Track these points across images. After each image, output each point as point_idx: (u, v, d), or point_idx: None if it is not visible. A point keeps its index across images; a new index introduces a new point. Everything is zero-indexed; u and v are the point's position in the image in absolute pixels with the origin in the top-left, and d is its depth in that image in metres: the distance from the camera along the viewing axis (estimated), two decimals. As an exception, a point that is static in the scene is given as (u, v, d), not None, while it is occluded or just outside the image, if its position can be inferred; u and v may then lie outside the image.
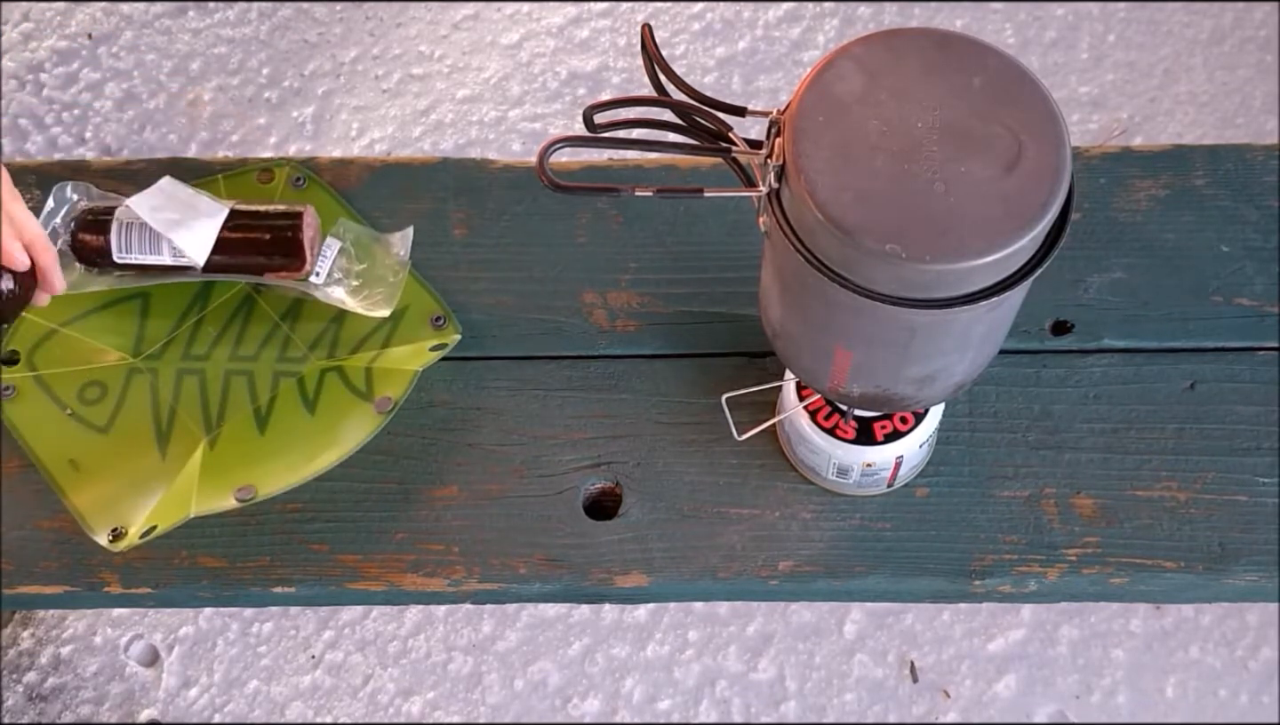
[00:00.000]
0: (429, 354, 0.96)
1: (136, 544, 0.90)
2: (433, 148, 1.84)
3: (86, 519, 0.91)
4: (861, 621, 1.55)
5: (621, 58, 1.91)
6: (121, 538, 0.90)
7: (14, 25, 1.95)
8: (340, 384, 0.95)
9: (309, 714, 1.53)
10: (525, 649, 1.55)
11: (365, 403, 0.94)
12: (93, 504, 0.92)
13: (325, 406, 0.95)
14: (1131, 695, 1.51)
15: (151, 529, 0.90)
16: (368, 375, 0.96)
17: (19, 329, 0.99)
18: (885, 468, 0.89)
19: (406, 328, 0.98)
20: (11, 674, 1.54)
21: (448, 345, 0.96)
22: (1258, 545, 0.90)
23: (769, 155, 0.68)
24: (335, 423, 0.94)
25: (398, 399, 0.94)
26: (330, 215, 1.02)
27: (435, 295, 0.98)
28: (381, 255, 0.98)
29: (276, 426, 0.95)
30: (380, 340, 0.97)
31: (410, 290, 0.99)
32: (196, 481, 0.92)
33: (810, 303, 0.73)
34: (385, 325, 0.97)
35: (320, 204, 1.02)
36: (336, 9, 1.97)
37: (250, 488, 0.91)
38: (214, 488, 0.92)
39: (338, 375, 0.96)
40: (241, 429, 0.95)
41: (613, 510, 0.93)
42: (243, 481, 0.92)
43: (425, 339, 0.97)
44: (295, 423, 0.95)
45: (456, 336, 0.97)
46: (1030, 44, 1.90)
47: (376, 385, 0.95)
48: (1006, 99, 0.67)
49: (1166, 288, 0.99)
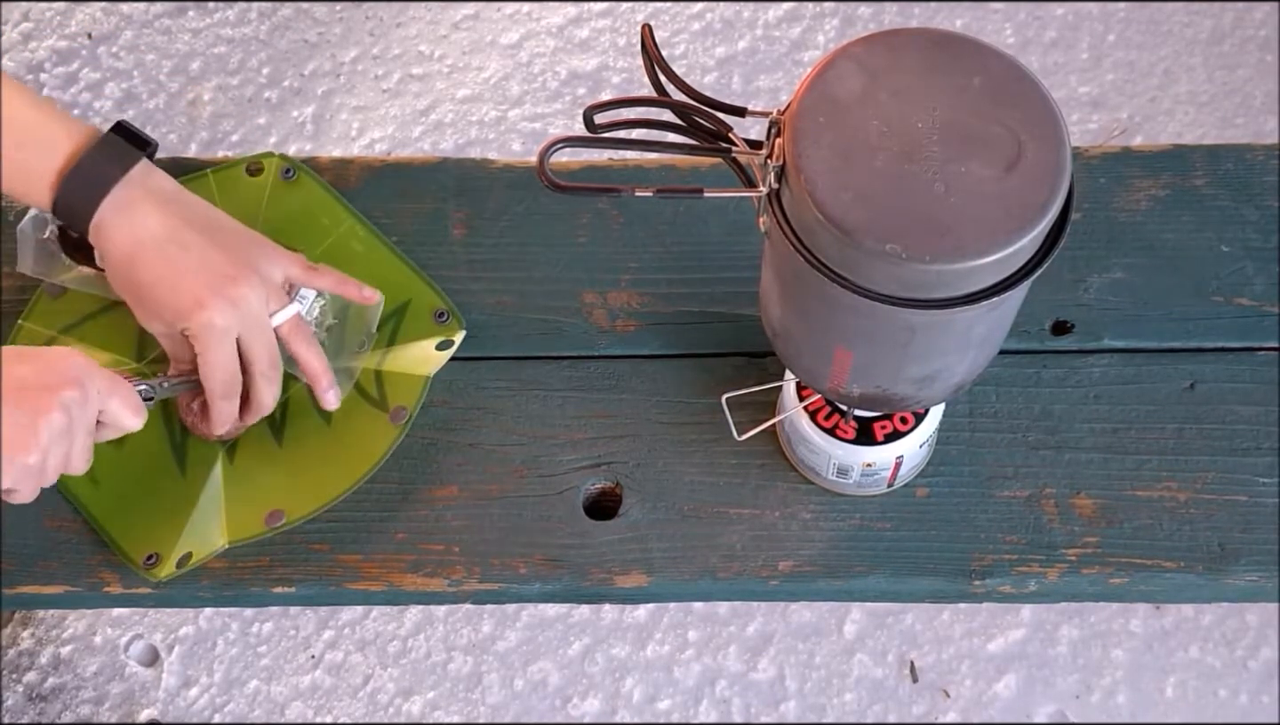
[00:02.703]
0: (437, 356, 0.95)
1: (175, 574, 0.89)
2: (433, 148, 1.85)
3: (121, 545, 0.91)
4: (861, 621, 1.55)
5: (621, 58, 1.91)
6: (156, 565, 0.90)
7: (14, 25, 1.95)
8: (354, 391, 0.95)
9: (309, 714, 1.53)
10: (525, 649, 1.55)
11: (380, 413, 0.94)
12: (124, 530, 0.91)
13: (340, 417, 0.94)
14: (1131, 695, 1.51)
15: (188, 556, 0.90)
16: (379, 380, 0.95)
17: (18, 337, 0.98)
18: (885, 468, 0.89)
19: (410, 323, 0.97)
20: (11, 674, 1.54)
21: (454, 343, 0.96)
22: (1258, 545, 0.90)
23: (769, 155, 0.68)
24: (352, 436, 0.93)
25: (412, 409, 0.93)
26: (320, 207, 1.01)
27: (438, 290, 0.98)
28: (357, 316, 0.95)
29: (293, 437, 0.94)
30: (385, 337, 0.97)
31: (412, 285, 0.98)
32: (223, 503, 0.92)
33: (810, 303, 0.73)
34: (389, 322, 0.97)
35: (310, 195, 1.01)
36: (336, 9, 1.97)
37: (280, 513, 0.91)
38: (243, 512, 0.91)
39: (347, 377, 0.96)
40: (257, 436, 0.94)
41: (613, 510, 0.93)
42: (271, 505, 0.91)
43: (429, 335, 0.97)
44: (312, 434, 0.94)
45: (461, 332, 0.96)
46: (1030, 44, 1.90)
47: (389, 393, 0.95)
48: (1006, 99, 0.67)
49: (1166, 288, 0.99)
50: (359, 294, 0.93)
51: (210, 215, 0.90)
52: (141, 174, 0.87)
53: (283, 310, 0.89)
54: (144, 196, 0.87)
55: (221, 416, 0.90)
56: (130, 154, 0.87)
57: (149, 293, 0.87)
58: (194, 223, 0.87)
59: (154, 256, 0.86)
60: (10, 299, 1.00)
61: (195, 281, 0.85)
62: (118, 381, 0.82)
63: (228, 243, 0.88)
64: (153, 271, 0.86)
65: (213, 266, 0.86)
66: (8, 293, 1.00)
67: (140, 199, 0.86)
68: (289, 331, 0.89)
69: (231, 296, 0.85)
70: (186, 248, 0.86)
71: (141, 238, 0.86)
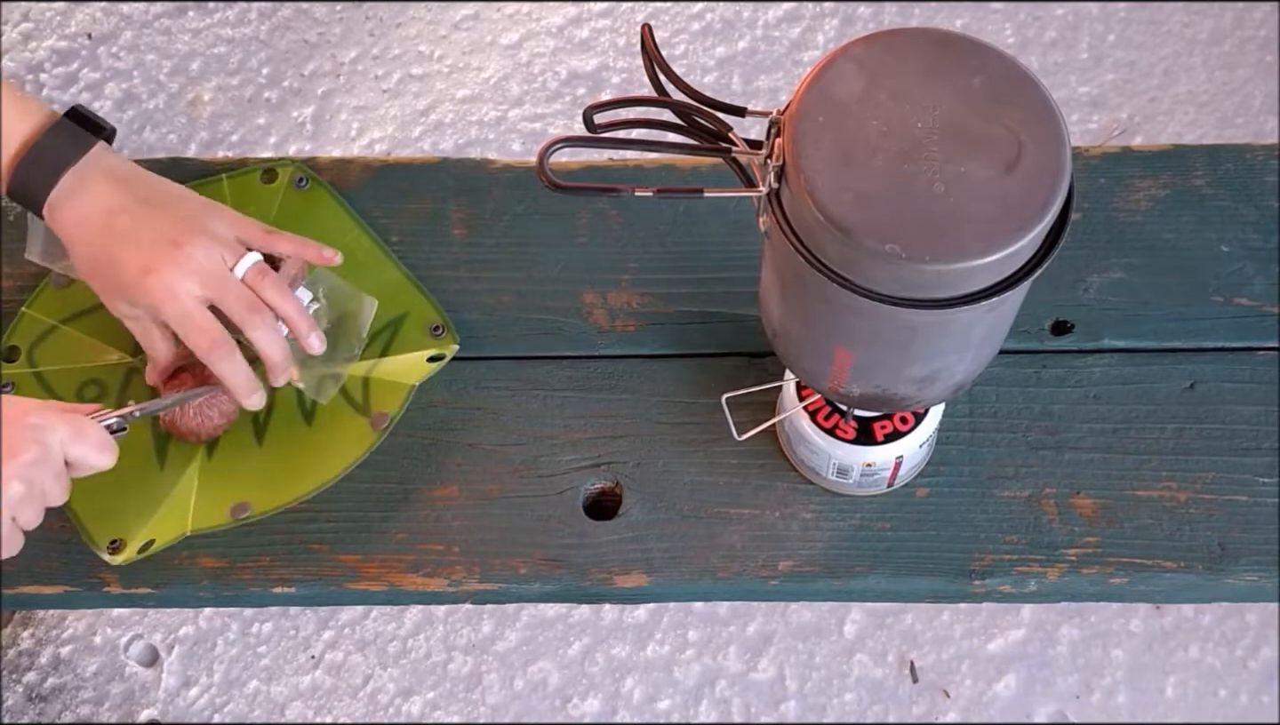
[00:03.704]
0: (426, 366, 0.95)
1: (135, 558, 0.90)
2: (433, 148, 1.85)
3: (87, 527, 0.91)
4: (861, 621, 1.55)
5: (621, 58, 1.91)
6: (120, 550, 0.90)
7: (14, 25, 1.95)
8: (338, 395, 0.95)
9: (309, 714, 1.53)
10: (525, 649, 1.55)
11: (361, 417, 0.94)
12: (93, 513, 0.92)
13: (322, 419, 0.94)
14: (1131, 695, 1.51)
15: (150, 543, 0.90)
16: (365, 387, 0.95)
17: (20, 324, 0.99)
18: (885, 468, 0.89)
19: (405, 335, 0.97)
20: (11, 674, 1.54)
21: (445, 357, 0.96)
22: (1258, 545, 0.90)
23: (769, 155, 0.68)
24: (331, 438, 0.93)
25: (394, 416, 0.93)
26: (329, 217, 1.01)
27: (435, 304, 0.98)
28: (351, 320, 0.95)
29: (274, 436, 0.94)
30: (378, 348, 0.96)
31: (410, 297, 0.98)
32: (194, 495, 0.92)
33: (810, 303, 0.73)
34: (384, 332, 0.97)
35: (320, 205, 1.02)
36: (336, 9, 1.97)
37: (246, 504, 0.91)
38: (211, 503, 0.91)
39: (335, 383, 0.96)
40: (239, 436, 0.94)
41: (613, 510, 0.93)
42: (239, 497, 0.91)
43: (423, 348, 0.96)
44: (292, 434, 0.94)
45: (455, 347, 0.96)
46: (1030, 44, 1.90)
47: (373, 399, 0.94)
48: (1006, 99, 0.67)
49: (1166, 288, 0.99)
50: (319, 255, 0.92)
51: (164, 188, 0.89)
52: (94, 158, 0.87)
53: (241, 261, 0.87)
54: (96, 177, 0.87)
55: (232, 379, 0.88)
56: (84, 139, 0.87)
57: (101, 269, 0.87)
58: (143, 196, 0.87)
59: (100, 230, 0.86)
60: (10, 299, 1.00)
61: (140, 250, 0.85)
62: (81, 425, 0.81)
63: (176, 210, 0.87)
64: (99, 245, 0.86)
65: (158, 232, 0.85)
66: (8, 293, 1.00)
67: (92, 180, 0.87)
68: (254, 280, 0.88)
69: (177, 258, 0.84)
70: (133, 219, 0.86)
71: (89, 214, 0.86)
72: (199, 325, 0.86)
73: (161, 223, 0.86)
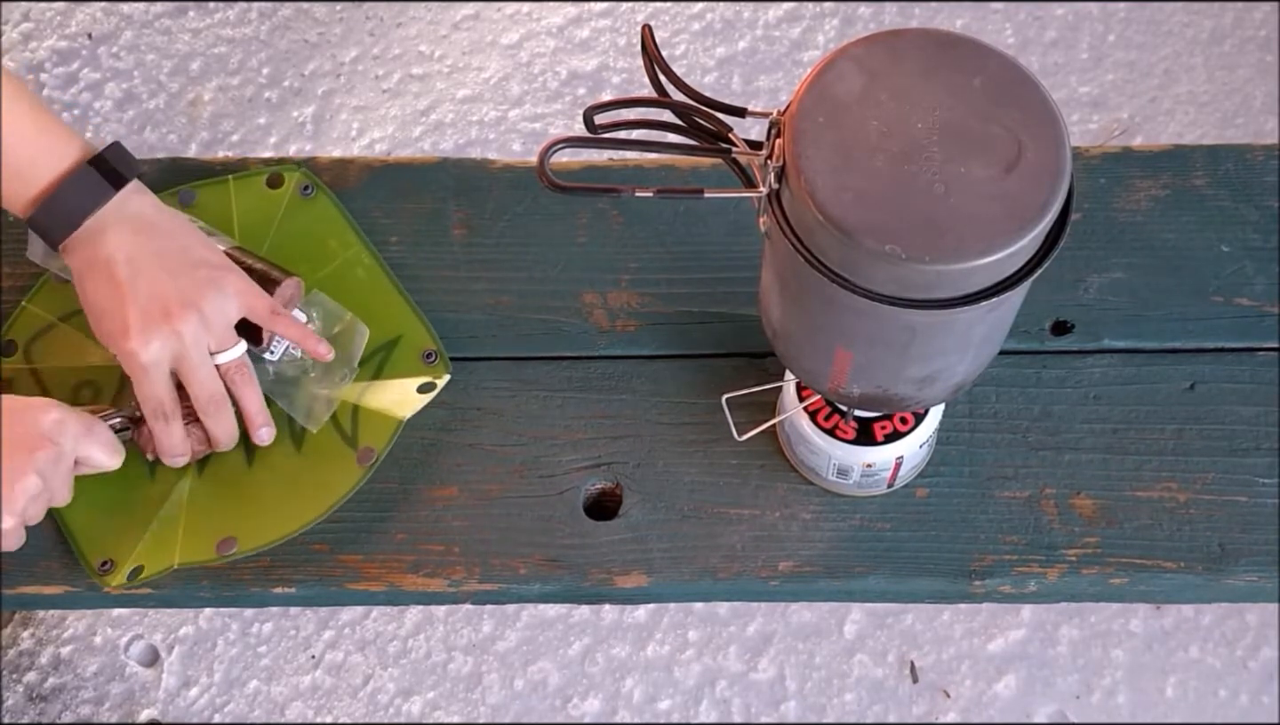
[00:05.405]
0: (416, 398, 0.94)
1: (125, 584, 0.89)
2: (433, 148, 1.85)
3: (80, 545, 0.91)
4: (861, 621, 1.55)
5: (621, 58, 1.91)
6: (110, 573, 0.90)
7: (14, 25, 1.95)
8: (328, 423, 0.94)
9: (309, 714, 1.53)
10: (525, 649, 1.55)
11: (349, 450, 0.93)
12: (86, 528, 0.92)
13: (311, 446, 0.94)
14: (1131, 695, 1.51)
15: (139, 570, 0.90)
16: (355, 416, 0.95)
17: (19, 319, 0.98)
18: (885, 468, 0.89)
19: (398, 359, 0.96)
20: (11, 674, 1.55)
21: (435, 387, 0.95)
22: (1258, 545, 0.90)
23: (769, 156, 0.68)
24: (318, 471, 0.93)
25: (380, 452, 0.93)
26: (331, 230, 1.01)
27: (430, 329, 0.97)
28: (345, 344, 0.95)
29: (264, 459, 0.94)
30: (371, 370, 0.96)
31: (405, 320, 0.98)
32: (182, 521, 0.92)
33: (810, 303, 0.73)
34: (377, 355, 0.96)
35: (324, 216, 1.02)
36: (336, 9, 1.97)
37: (233, 540, 0.91)
38: (198, 534, 0.91)
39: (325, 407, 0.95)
40: (230, 454, 0.94)
41: (613, 510, 0.93)
42: (226, 532, 0.91)
43: (415, 375, 0.96)
44: (282, 459, 0.94)
45: (446, 376, 0.96)
46: (1030, 44, 1.90)
47: (362, 432, 0.94)
48: (1006, 99, 0.67)
49: (1166, 288, 0.99)
50: (316, 350, 0.93)
51: (182, 244, 0.89)
52: (118, 204, 0.87)
53: (226, 352, 0.88)
54: (116, 225, 0.87)
55: (163, 442, 0.90)
56: (105, 190, 0.87)
57: (91, 311, 0.87)
58: (157, 250, 0.87)
59: (103, 278, 0.86)
60: (10, 299, 1.00)
61: (130, 309, 0.85)
62: (93, 425, 0.84)
63: (185, 276, 0.87)
64: (98, 291, 0.86)
65: (156, 297, 0.85)
66: (8, 293, 1.00)
67: (112, 229, 0.87)
68: (228, 372, 0.89)
69: (159, 331, 0.85)
70: (138, 273, 0.86)
71: (100, 258, 0.86)
72: (146, 393, 0.87)
73: (164, 285, 0.86)
